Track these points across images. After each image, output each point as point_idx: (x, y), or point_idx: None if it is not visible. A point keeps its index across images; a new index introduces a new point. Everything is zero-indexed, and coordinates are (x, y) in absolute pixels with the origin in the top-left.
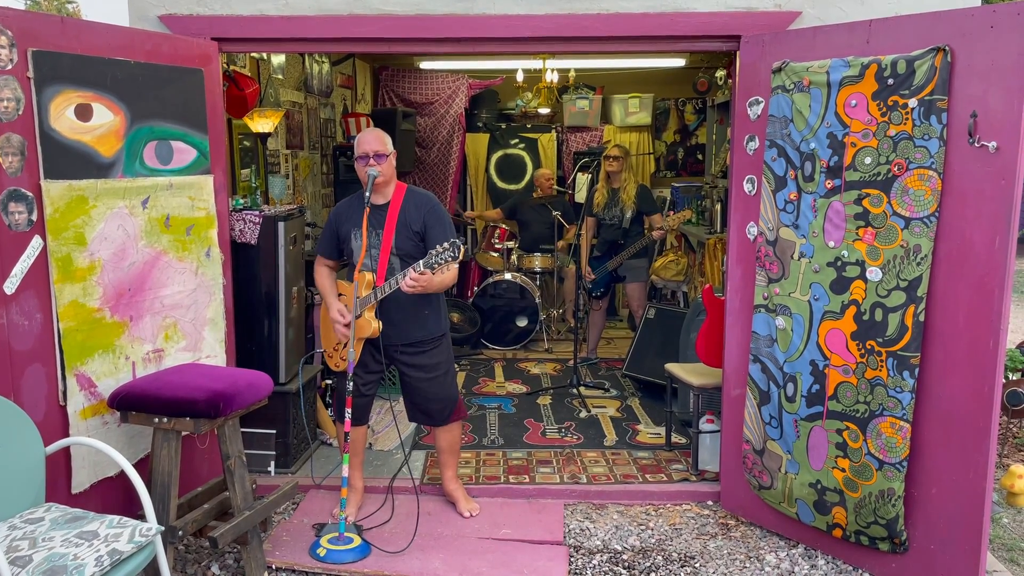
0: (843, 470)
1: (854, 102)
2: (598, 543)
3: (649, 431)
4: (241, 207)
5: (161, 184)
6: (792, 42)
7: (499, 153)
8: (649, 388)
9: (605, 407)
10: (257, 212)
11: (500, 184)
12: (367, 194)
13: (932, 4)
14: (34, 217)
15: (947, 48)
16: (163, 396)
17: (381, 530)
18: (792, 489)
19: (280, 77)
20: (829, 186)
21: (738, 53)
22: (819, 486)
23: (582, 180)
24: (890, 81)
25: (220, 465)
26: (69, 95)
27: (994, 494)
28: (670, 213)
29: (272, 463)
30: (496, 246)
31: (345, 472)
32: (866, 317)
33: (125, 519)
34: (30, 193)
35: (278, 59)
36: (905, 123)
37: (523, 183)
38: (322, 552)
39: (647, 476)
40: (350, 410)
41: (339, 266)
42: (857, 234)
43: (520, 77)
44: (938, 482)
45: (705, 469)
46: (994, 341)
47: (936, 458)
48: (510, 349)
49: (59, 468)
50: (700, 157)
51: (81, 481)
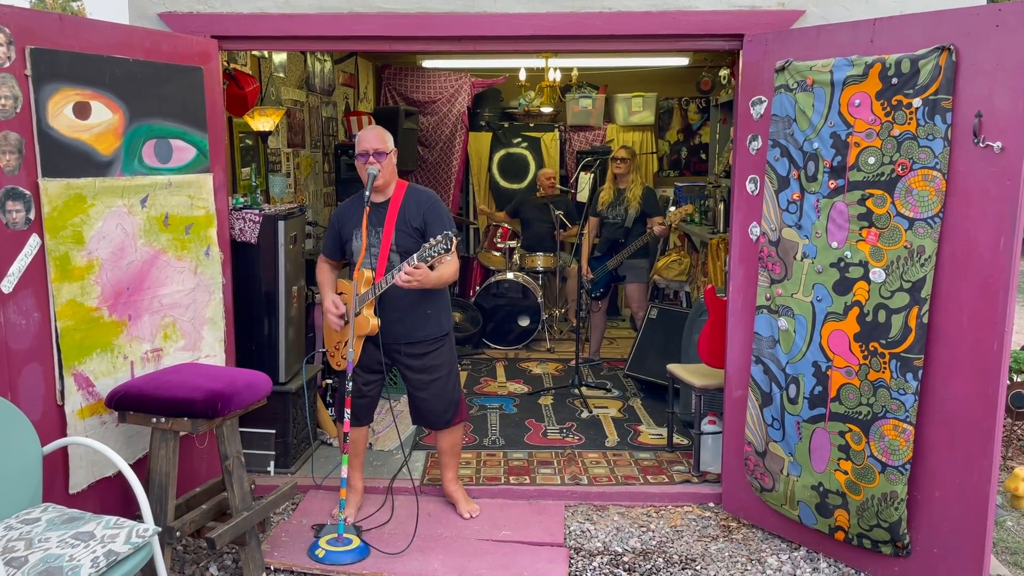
0: (845, 472)
1: (858, 102)
2: (599, 545)
3: (651, 432)
4: (241, 206)
5: (160, 183)
6: (795, 41)
7: (502, 152)
8: (651, 388)
9: (607, 407)
10: (257, 211)
11: (503, 183)
12: (367, 193)
13: (937, 3)
14: (32, 216)
15: (952, 47)
16: (161, 396)
17: (381, 531)
18: (794, 491)
19: (281, 75)
20: (832, 186)
21: (741, 52)
22: (821, 488)
23: (585, 179)
24: (894, 80)
25: (219, 465)
26: (67, 93)
27: (998, 497)
28: (672, 209)
29: (272, 463)
30: (498, 245)
31: (344, 473)
32: (869, 318)
33: (122, 520)
34: (28, 191)
35: (279, 57)
36: (909, 123)
37: (526, 182)
38: (321, 553)
39: (648, 477)
40: (349, 410)
41: (341, 265)
42: (860, 235)
43: (523, 76)
44: (941, 485)
45: (707, 470)
46: (998, 343)
47: (939, 461)
48: (512, 349)
49: (56, 468)
50: (703, 157)
51: (79, 481)
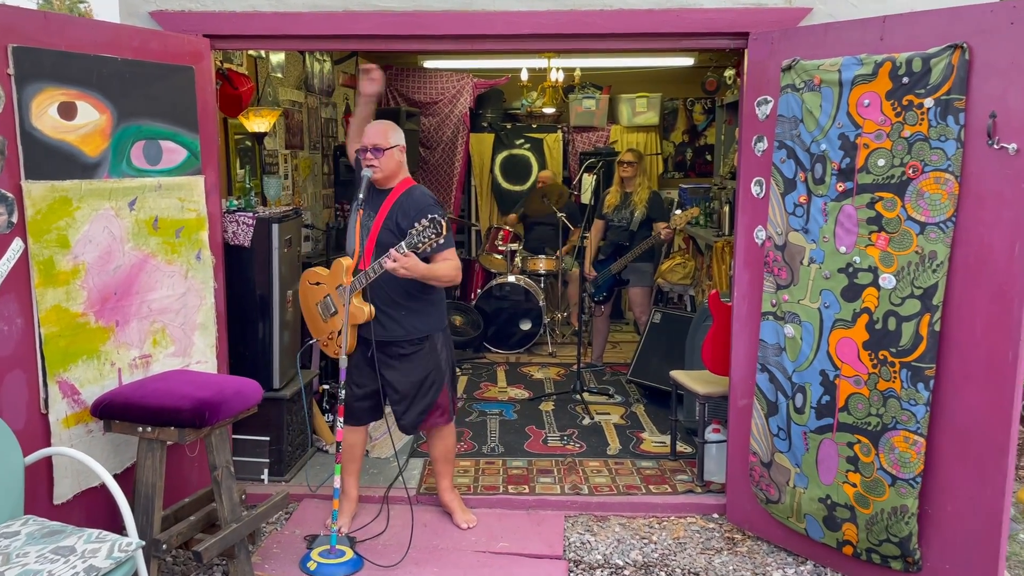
0: (854, 485)
1: (867, 102)
2: (599, 557)
3: (654, 439)
4: (235, 208)
5: (149, 185)
6: (802, 39)
7: (504, 153)
8: (654, 394)
9: (609, 414)
10: (251, 214)
11: (505, 185)
12: (360, 196)
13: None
14: (15, 219)
15: (965, 45)
16: (147, 404)
17: (375, 542)
18: (801, 504)
19: (279, 76)
20: (840, 189)
21: (746, 51)
22: (829, 501)
23: (588, 181)
24: (905, 80)
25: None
26: (52, 93)
27: (1011, 509)
28: (677, 212)
29: (265, 471)
30: (500, 248)
31: (337, 483)
32: (879, 326)
33: (105, 533)
34: (10, 194)
35: (277, 58)
36: (921, 124)
37: (528, 184)
38: (312, 566)
39: (651, 487)
40: (342, 419)
41: None
42: (870, 239)
43: (525, 76)
44: (953, 499)
45: (711, 480)
46: (1013, 352)
47: (952, 474)
48: (513, 353)
49: (40, 478)
50: (709, 158)
51: (63, 492)
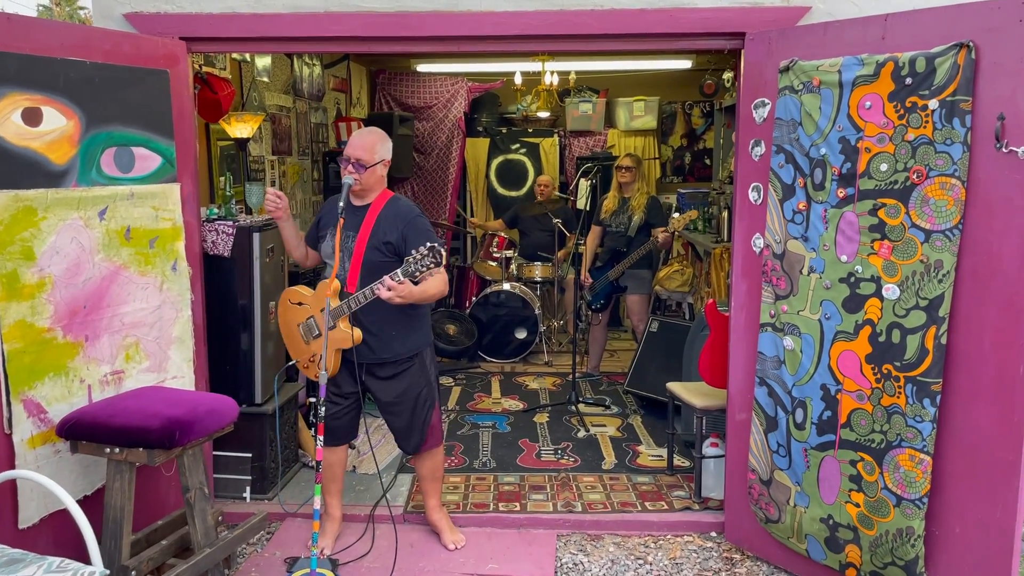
0: (857, 505)
1: (868, 104)
2: None
3: (650, 453)
4: (215, 217)
5: (121, 193)
6: (801, 39)
7: (500, 158)
8: (652, 405)
9: (605, 426)
10: (231, 222)
11: (501, 190)
12: (340, 204)
13: None
14: None
15: (971, 44)
16: (114, 424)
17: (359, 564)
18: (801, 523)
19: (266, 80)
20: (841, 195)
21: (742, 52)
22: (831, 521)
23: (584, 186)
24: (908, 81)
25: None
26: (15, 98)
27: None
28: (675, 215)
29: (248, 488)
30: (495, 255)
31: (317, 504)
32: (882, 339)
33: (67, 562)
34: None
35: (263, 61)
36: (925, 126)
37: (524, 189)
38: None
39: (647, 504)
40: (322, 437)
41: (313, 256)
42: (872, 248)
43: (518, 80)
44: (962, 520)
45: (709, 496)
46: None
47: (960, 494)
48: (508, 362)
49: (4, 501)
50: (708, 162)
51: (30, 515)
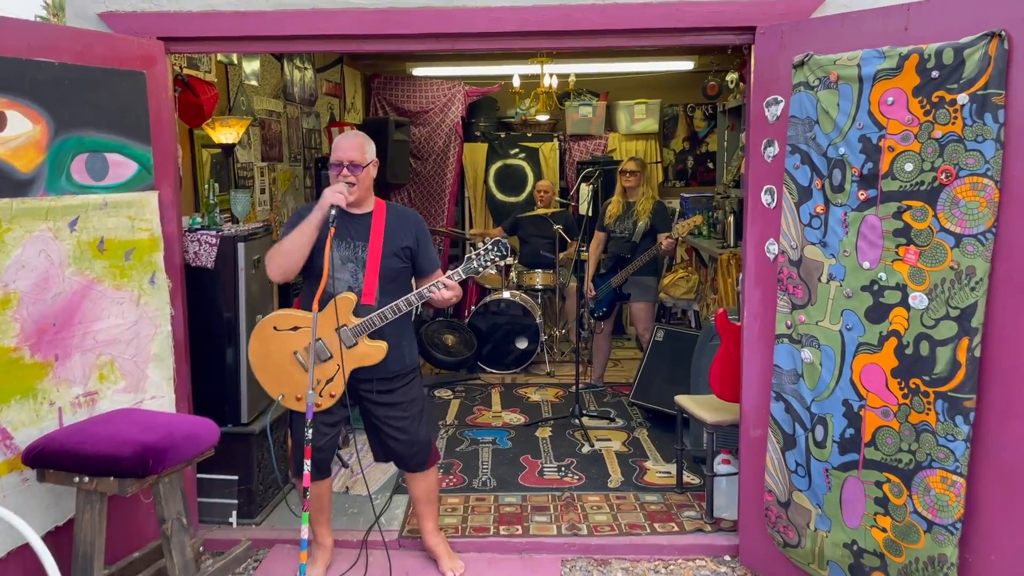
0: (884, 530)
1: (891, 99)
2: None
3: (658, 469)
4: (198, 227)
5: (93, 203)
6: (816, 31)
7: (498, 164)
8: (658, 417)
9: (610, 440)
10: (214, 232)
11: (500, 196)
12: (331, 225)
13: None
14: None
15: (1003, 33)
16: (83, 452)
17: None
18: (823, 549)
19: (254, 84)
20: (862, 197)
21: (753, 47)
22: (855, 547)
23: (585, 191)
24: (934, 74)
25: None
26: None
27: None
28: (680, 222)
29: (234, 513)
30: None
31: (305, 534)
32: (909, 351)
33: None
34: None
35: (251, 65)
36: (954, 123)
37: (524, 195)
38: None
39: (656, 525)
40: (309, 461)
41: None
42: (897, 253)
43: (516, 82)
44: (998, 547)
45: (721, 517)
46: None
47: (996, 519)
48: (509, 373)
49: None
50: (711, 166)
51: None
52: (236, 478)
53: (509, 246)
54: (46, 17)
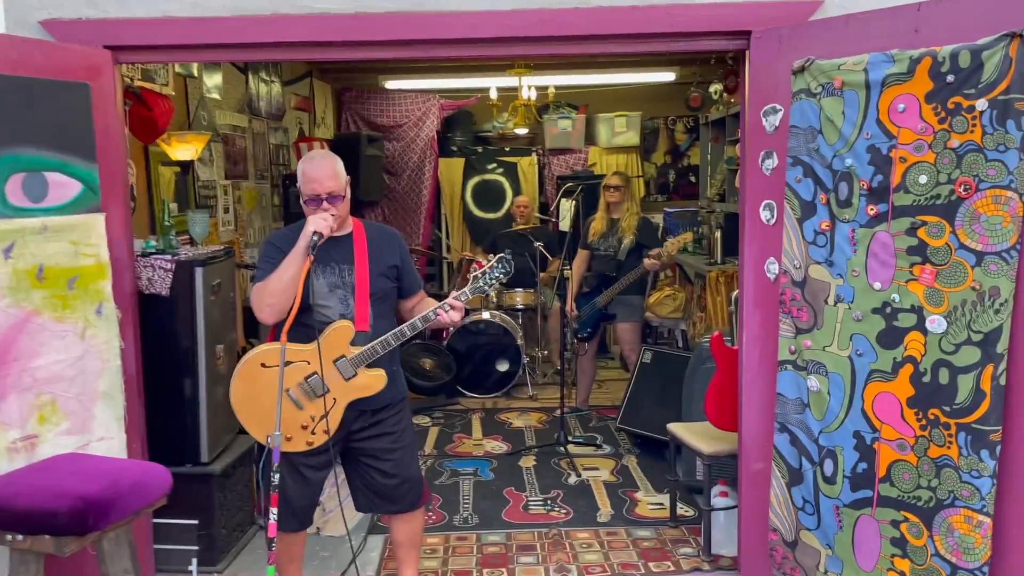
0: (902, 573)
1: (902, 106)
2: None
3: (649, 500)
4: (152, 251)
5: (31, 227)
6: (817, 35)
7: (476, 179)
8: (647, 443)
9: (597, 469)
10: (169, 257)
11: (477, 213)
12: (311, 253)
13: None
14: None
15: None
16: (15, 506)
17: None
18: None
19: (217, 97)
20: (872, 212)
21: (748, 52)
22: None
23: (567, 207)
24: (950, 78)
25: None
26: None
27: None
28: (667, 239)
29: (194, 561)
30: None
31: None
32: (927, 379)
33: None
34: None
35: (213, 79)
36: (972, 131)
37: (502, 211)
38: None
39: (650, 564)
40: (275, 510)
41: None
42: (912, 273)
43: (494, 94)
44: None
45: (719, 554)
46: None
47: None
48: (490, 397)
49: None
50: (693, 180)
51: None
52: (196, 522)
53: (513, 263)
54: None
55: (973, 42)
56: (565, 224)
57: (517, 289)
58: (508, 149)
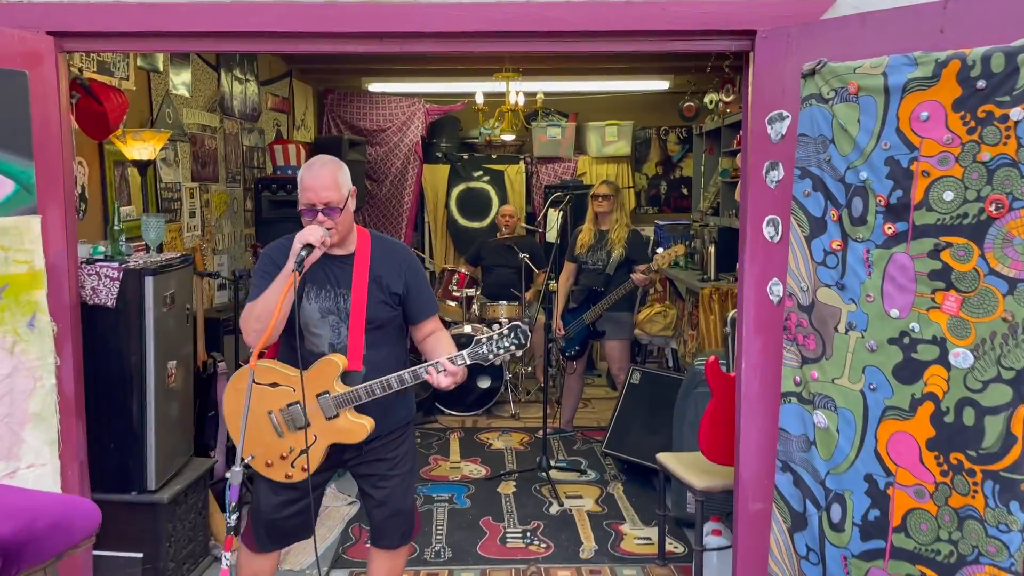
0: None
1: (925, 114)
2: None
3: (636, 534)
4: (100, 257)
5: None
6: (830, 35)
7: (461, 187)
8: (634, 469)
9: (581, 497)
10: (116, 264)
11: (462, 221)
12: (296, 269)
13: None
14: None
15: None
16: None
17: None
18: None
19: (185, 94)
20: (890, 232)
21: (752, 54)
22: None
23: (554, 217)
24: (980, 84)
25: None
26: None
27: None
28: (658, 252)
29: None
30: (454, 294)
31: None
32: (949, 419)
33: None
34: None
35: (182, 75)
36: (1006, 143)
37: (488, 220)
38: None
39: None
40: (229, 555)
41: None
42: (934, 300)
43: (480, 99)
44: None
45: None
46: None
47: None
48: (470, 415)
49: None
50: (685, 191)
51: None
52: (141, 555)
53: (529, 335)
54: None
55: (1007, 44)
56: (552, 235)
57: (501, 302)
58: (495, 156)
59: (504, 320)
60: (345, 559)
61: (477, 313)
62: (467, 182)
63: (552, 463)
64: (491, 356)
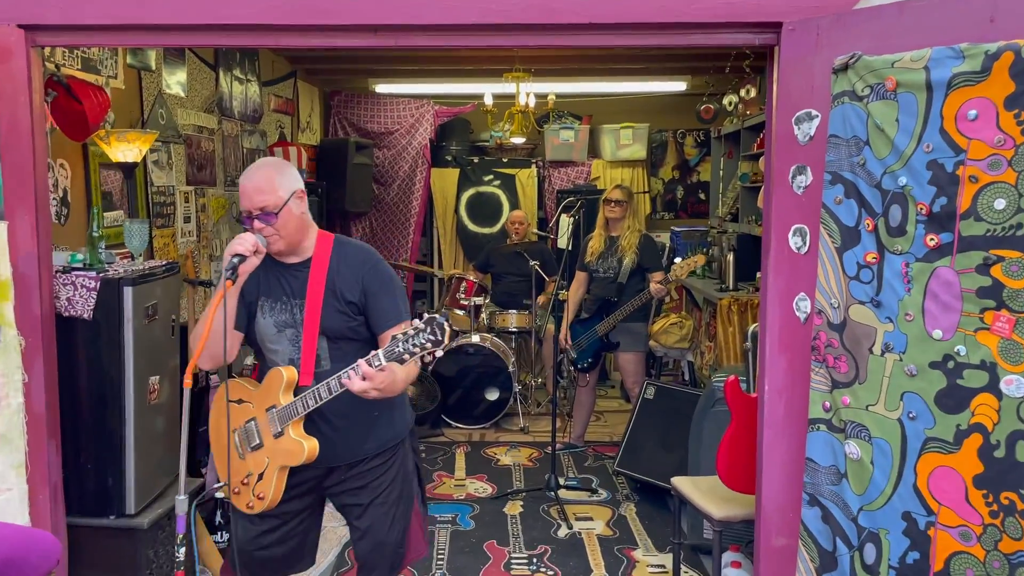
0: None
1: (973, 112)
2: None
3: (650, 562)
4: (79, 265)
5: None
6: (865, 26)
7: (471, 191)
8: (648, 489)
9: (591, 519)
10: (94, 274)
11: (472, 227)
12: (227, 279)
13: None
14: None
15: None
16: None
17: None
18: None
19: (180, 94)
20: (932, 244)
21: (777, 48)
22: None
23: (566, 223)
24: None
25: None
26: None
27: None
28: (675, 262)
29: None
30: (462, 302)
31: None
32: (999, 453)
33: None
34: None
35: (176, 74)
36: None
37: (498, 226)
38: None
39: None
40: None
41: (243, 340)
42: (983, 321)
43: (489, 100)
44: None
45: None
46: None
47: None
48: (478, 428)
49: None
50: (703, 197)
51: None
52: None
53: (447, 329)
54: None
55: None
56: (564, 242)
57: (510, 310)
58: (506, 160)
59: (514, 329)
60: None
61: (486, 322)
62: (477, 186)
63: (562, 482)
64: (405, 354)
